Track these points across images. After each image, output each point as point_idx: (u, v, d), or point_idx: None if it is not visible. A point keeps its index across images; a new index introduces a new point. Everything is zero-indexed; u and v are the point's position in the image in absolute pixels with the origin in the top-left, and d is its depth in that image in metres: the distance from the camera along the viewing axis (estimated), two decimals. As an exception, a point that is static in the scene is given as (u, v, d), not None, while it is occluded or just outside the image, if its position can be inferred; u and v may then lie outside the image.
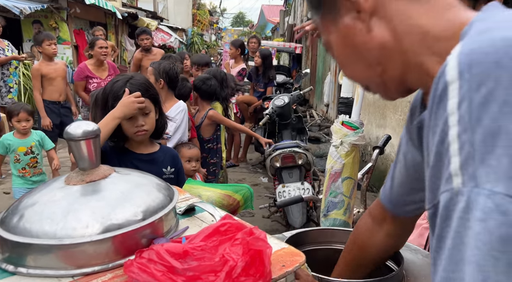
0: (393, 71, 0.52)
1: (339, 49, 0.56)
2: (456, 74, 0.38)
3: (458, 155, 0.36)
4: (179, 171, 1.56)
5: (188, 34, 16.67)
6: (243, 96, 4.78)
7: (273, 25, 22.93)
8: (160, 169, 1.48)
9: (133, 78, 1.42)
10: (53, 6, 7.03)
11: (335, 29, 0.54)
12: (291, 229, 2.66)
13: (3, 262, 0.66)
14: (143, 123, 1.38)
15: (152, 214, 0.71)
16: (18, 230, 0.65)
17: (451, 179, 0.37)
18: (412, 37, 0.49)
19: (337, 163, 1.06)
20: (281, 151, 2.82)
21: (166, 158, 1.52)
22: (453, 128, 0.37)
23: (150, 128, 1.42)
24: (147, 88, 1.41)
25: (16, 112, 2.85)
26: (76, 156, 0.74)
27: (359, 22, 0.51)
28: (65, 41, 7.28)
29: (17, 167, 2.90)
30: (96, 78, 3.91)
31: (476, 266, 0.34)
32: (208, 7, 25.79)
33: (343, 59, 0.57)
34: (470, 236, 0.34)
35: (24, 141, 2.91)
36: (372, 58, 0.52)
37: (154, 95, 1.43)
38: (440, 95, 0.39)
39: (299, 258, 0.67)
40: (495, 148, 0.34)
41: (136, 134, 1.39)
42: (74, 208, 0.67)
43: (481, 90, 0.36)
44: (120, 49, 9.45)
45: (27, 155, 2.90)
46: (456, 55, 0.39)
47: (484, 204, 0.34)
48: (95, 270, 0.64)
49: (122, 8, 10.07)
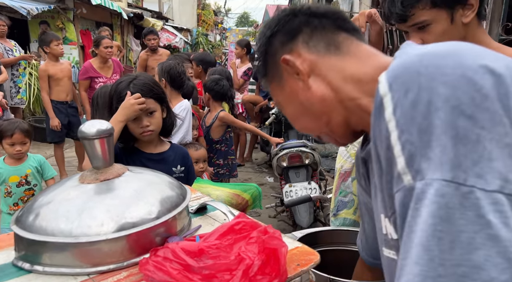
0: (337, 118, 0.61)
1: (288, 107, 0.65)
2: (387, 88, 0.44)
3: (402, 155, 0.41)
4: (189, 169, 1.55)
5: (193, 34, 16.69)
6: (249, 96, 4.77)
7: (278, 24, 22.84)
8: (170, 168, 1.48)
9: (137, 78, 1.41)
10: (59, 6, 7.07)
11: (282, 91, 0.65)
12: (298, 229, 2.66)
13: (19, 260, 0.66)
14: (148, 123, 1.38)
15: (165, 212, 0.71)
16: (34, 228, 0.65)
17: (401, 178, 0.41)
18: (347, 86, 0.59)
19: (347, 162, 1.06)
20: (288, 150, 2.81)
21: (177, 156, 1.51)
22: (393, 133, 0.42)
23: (156, 128, 1.41)
24: (151, 88, 1.40)
25: (9, 133, 2.17)
26: (90, 154, 0.74)
27: (300, 82, 0.61)
28: (71, 41, 7.33)
29: (8, 202, 2.22)
30: (102, 78, 3.91)
31: (422, 247, 0.37)
32: (213, 7, 25.80)
33: (293, 115, 0.66)
34: (418, 223, 0.38)
35: (17, 168, 2.23)
36: (316, 111, 0.61)
37: (159, 95, 1.42)
38: (378, 109, 0.45)
39: (313, 257, 0.67)
40: (430, 141, 0.39)
41: (142, 134, 1.39)
42: (89, 206, 0.68)
43: (408, 95, 0.42)
44: (126, 50, 9.49)
45: (20, 186, 2.22)
46: (384, 75, 0.46)
47: (428, 192, 0.38)
48: (110, 268, 0.64)
49: (127, 8, 10.11)
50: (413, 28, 0.96)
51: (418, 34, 0.96)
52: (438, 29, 0.93)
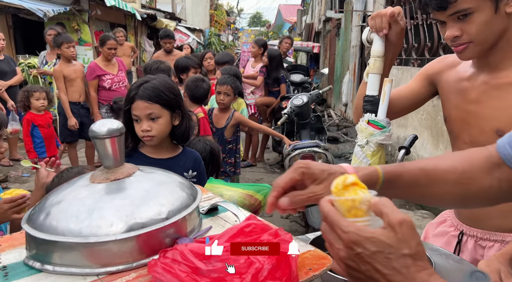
0: None
1: None
2: None
3: None
4: (201, 174, 1.53)
5: (205, 35, 16.78)
6: (262, 98, 4.77)
7: (290, 24, 22.83)
8: (181, 172, 1.45)
9: (149, 81, 1.38)
10: (75, 8, 7.20)
11: None
12: (310, 230, 2.63)
13: (30, 259, 0.66)
14: (149, 128, 1.35)
15: (175, 213, 0.70)
16: (45, 228, 0.65)
17: None
18: None
19: (362, 162, 1.03)
20: (301, 150, 2.79)
21: (188, 161, 1.50)
22: None
23: (158, 134, 1.38)
24: (159, 93, 1.36)
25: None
26: (101, 154, 0.73)
27: None
28: (86, 42, 7.45)
29: None
30: (109, 74, 3.95)
31: None
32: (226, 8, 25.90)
33: None
34: None
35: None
36: None
37: (167, 101, 1.37)
38: None
39: (326, 262, 0.65)
40: None
41: (143, 138, 1.38)
42: (99, 206, 0.67)
43: None
44: (140, 50, 9.59)
45: None
46: None
47: None
48: (119, 269, 0.64)
49: (141, 9, 10.22)
50: (452, 17, 0.89)
51: (458, 24, 0.88)
52: (481, 18, 0.86)
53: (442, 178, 0.67)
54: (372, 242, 0.45)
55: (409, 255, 0.45)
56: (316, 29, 12.84)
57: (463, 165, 0.67)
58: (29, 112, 3.31)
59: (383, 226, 0.46)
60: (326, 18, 10.35)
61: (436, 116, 3.45)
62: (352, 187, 0.50)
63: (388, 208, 0.46)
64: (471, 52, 0.92)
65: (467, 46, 0.91)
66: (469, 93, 0.99)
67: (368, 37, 1.07)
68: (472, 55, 0.94)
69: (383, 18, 1.01)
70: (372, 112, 1.04)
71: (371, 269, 0.45)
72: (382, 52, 1.05)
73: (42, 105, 3.28)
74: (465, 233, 1.06)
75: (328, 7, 10.22)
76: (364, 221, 0.47)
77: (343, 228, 0.46)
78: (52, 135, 3.48)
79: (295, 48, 9.94)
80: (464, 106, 1.00)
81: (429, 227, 1.23)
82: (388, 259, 0.45)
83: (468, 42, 0.90)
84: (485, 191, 0.67)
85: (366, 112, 1.05)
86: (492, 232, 1.01)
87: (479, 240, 1.03)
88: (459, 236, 1.07)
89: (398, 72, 4.41)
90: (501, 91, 0.92)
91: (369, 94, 1.06)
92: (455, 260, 0.86)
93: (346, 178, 0.50)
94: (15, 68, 4.63)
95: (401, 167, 0.67)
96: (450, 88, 1.05)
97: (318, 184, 0.61)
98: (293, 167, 0.62)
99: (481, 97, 0.97)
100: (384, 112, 1.03)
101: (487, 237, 1.02)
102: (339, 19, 8.80)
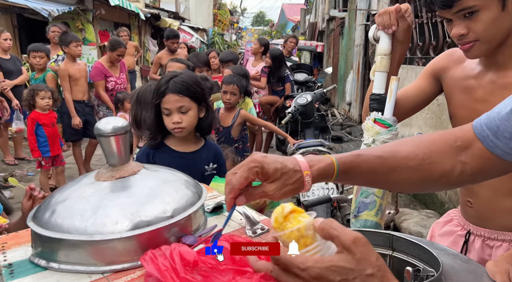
0: None
1: None
2: None
3: None
4: (222, 166, 1.57)
5: (209, 34, 16.79)
6: (266, 97, 4.76)
7: (294, 23, 22.80)
8: (203, 165, 1.50)
9: (178, 76, 1.44)
10: (79, 8, 7.22)
11: None
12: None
13: (36, 257, 0.66)
14: (180, 120, 1.42)
15: (180, 211, 0.69)
16: (50, 225, 0.65)
17: None
18: None
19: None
20: (305, 149, 2.78)
21: (210, 154, 1.53)
22: None
23: (188, 125, 1.44)
24: (188, 86, 1.42)
25: None
26: (106, 152, 0.73)
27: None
28: (90, 42, 7.47)
29: None
30: (113, 77, 4.01)
31: None
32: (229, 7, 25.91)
33: None
34: None
35: None
36: None
37: (196, 94, 1.44)
38: None
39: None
40: None
41: (174, 130, 1.44)
42: (104, 204, 0.67)
43: None
44: (143, 50, 9.61)
45: None
46: None
47: None
48: (124, 267, 0.63)
49: (145, 9, 10.24)
50: (458, 15, 0.87)
51: (464, 22, 0.87)
52: (488, 16, 0.84)
53: (402, 165, 0.65)
54: (333, 271, 0.43)
55: (373, 275, 0.43)
56: (320, 28, 12.81)
57: (424, 151, 0.66)
58: (34, 111, 3.33)
59: (338, 250, 0.44)
60: (329, 17, 10.32)
61: (441, 115, 3.43)
62: (291, 215, 0.48)
63: (336, 229, 0.44)
64: (477, 50, 0.91)
65: (474, 45, 0.90)
66: (475, 92, 0.98)
67: (374, 35, 1.06)
68: (479, 54, 0.92)
69: (391, 15, 1.00)
70: (378, 111, 1.03)
71: None
72: (389, 50, 1.04)
73: (47, 104, 3.31)
74: (472, 233, 1.05)
75: (331, 6, 10.19)
76: (316, 248, 0.45)
77: (300, 265, 0.44)
78: (56, 134, 3.50)
79: (298, 47, 9.92)
80: (470, 105, 0.99)
81: (435, 226, 1.22)
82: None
83: (474, 41, 0.89)
84: (447, 175, 0.67)
85: (373, 110, 1.04)
86: (500, 232, 1.00)
87: (487, 240, 1.02)
88: (466, 235, 1.06)
89: (402, 71, 4.39)
90: (508, 90, 0.91)
91: (375, 92, 1.05)
92: (462, 260, 0.84)
93: (283, 209, 0.48)
94: (20, 68, 4.65)
95: (357, 156, 0.65)
96: (456, 85, 1.03)
97: (270, 183, 0.61)
98: (248, 165, 0.60)
99: (488, 96, 0.95)
100: (391, 110, 1.02)
101: (494, 236, 1.01)
102: (343, 18, 8.77)
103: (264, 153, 0.62)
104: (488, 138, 0.64)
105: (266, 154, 0.62)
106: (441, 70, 1.08)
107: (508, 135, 0.62)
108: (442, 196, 3.28)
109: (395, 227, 2.88)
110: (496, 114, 0.65)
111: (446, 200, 3.21)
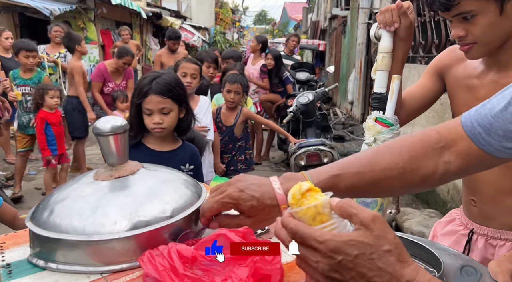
0: None
1: None
2: None
3: None
4: (198, 168, 1.58)
5: (210, 33, 16.78)
6: (266, 95, 4.74)
7: (296, 22, 22.76)
8: (178, 165, 1.50)
9: (160, 76, 1.44)
10: (81, 7, 7.23)
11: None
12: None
13: (34, 257, 0.66)
14: (161, 121, 1.43)
15: (180, 211, 0.69)
16: (48, 225, 0.65)
17: None
18: None
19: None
20: (306, 149, 2.77)
21: (186, 155, 1.54)
22: None
23: (168, 126, 1.45)
24: (170, 88, 1.42)
25: None
26: (105, 151, 0.73)
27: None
28: (92, 41, 7.48)
29: None
30: (112, 82, 4.00)
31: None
32: (231, 6, 25.86)
33: None
34: None
35: None
36: None
37: (177, 96, 1.45)
38: None
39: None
40: None
41: (154, 130, 1.45)
42: (103, 203, 0.66)
43: None
44: (145, 49, 9.62)
45: None
46: None
47: None
48: (123, 268, 0.63)
49: (146, 8, 10.24)
50: (457, 18, 0.88)
51: (462, 24, 0.88)
52: (485, 21, 0.85)
53: (382, 177, 0.65)
54: (351, 245, 0.43)
55: (390, 251, 0.43)
56: (322, 27, 12.78)
57: (405, 158, 0.65)
58: (42, 110, 3.33)
59: (356, 227, 0.44)
60: (332, 16, 10.29)
61: (444, 115, 3.41)
62: (308, 193, 0.48)
63: (354, 208, 0.45)
64: (476, 52, 0.92)
65: (472, 47, 0.91)
66: (478, 91, 0.98)
67: (376, 33, 1.05)
68: (477, 55, 0.93)
69: (393, 12, 0.99)
70: (380, 110, 1.02)
71: (356, 275, 0.43)
72: (391, 49, 1.03)
73: (56, 103, 3.32)
74: (475, 232, 1.04)
75: (334, 4, 10.16)
76: (332, 225, 0.46)
77: (318, 238, 0.44)
78: (62, 133, 3.52)
79: (300, 46, 9.90)
80: (473, 104, 0.98)
81: (437, 226, 1.21)
82: (372, 259, 0.43)
83: (472, 43, 0.90)
84: (430, 178, 0.66)
85: (374, 109, 1.03)
86: (503, 231, 0.99)
87: (490, 239, 1.02)
88: (469, 234, 1.06)
89: (405, 70, 4.34)
90: None
91: (376, 91, 1.04)
92: (464, 260, 0.84)
93: (301, 186, 0.48)
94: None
95: (336, 177, 0.64)
96: (459, 84, 1.03)
97: (247, 217, 0.62)
98: (222, 199, 0.61)
99: (490, 95, 0.94)
100: (392, 109, 1.01)
101: (498, 235, 1.00)
102: (345, 17, 8.74)
103: (242, 185, 0.62)
104: (479, 135, 0.63)
105: (243, 187, 0.61)
106: (444, 68, 1.07)
107: (501, 133, 0.61)
108: (444, 196, 3.27)
109: (397, 226, 2.87)
110: (488, 111, 0.63)
111: (448, 199, 3.20)
